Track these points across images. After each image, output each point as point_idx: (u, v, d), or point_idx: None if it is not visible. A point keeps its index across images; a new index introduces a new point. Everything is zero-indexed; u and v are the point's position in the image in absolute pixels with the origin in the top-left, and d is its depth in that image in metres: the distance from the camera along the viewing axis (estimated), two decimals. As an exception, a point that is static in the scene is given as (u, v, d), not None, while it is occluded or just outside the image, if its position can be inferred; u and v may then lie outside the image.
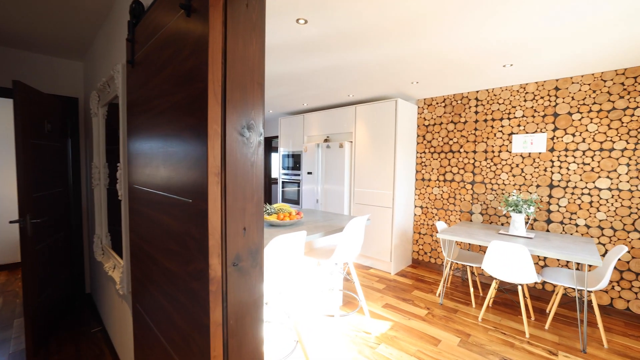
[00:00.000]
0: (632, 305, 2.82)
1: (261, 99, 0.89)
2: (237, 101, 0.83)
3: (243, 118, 0.84)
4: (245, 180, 0.86)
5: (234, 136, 0.82)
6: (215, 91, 0.81)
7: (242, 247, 0.86)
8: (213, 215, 0.81)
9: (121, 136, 1.84)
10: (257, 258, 0.89)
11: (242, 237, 0.85)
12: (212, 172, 0.81)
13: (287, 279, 1.86)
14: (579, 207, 3.06)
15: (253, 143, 0.86)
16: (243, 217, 0.85)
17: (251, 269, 0.90)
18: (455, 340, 2.42)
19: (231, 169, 0.82)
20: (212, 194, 0.81)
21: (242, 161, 0.84)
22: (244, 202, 0.85)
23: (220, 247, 0.82)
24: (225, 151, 0.81)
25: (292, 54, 2.72)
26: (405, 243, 4.21)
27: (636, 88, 2.76)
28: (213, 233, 0.81)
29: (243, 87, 0.84)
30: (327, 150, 4.55)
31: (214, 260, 0.82)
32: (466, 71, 3.03)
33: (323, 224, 2.52)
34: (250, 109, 0.86)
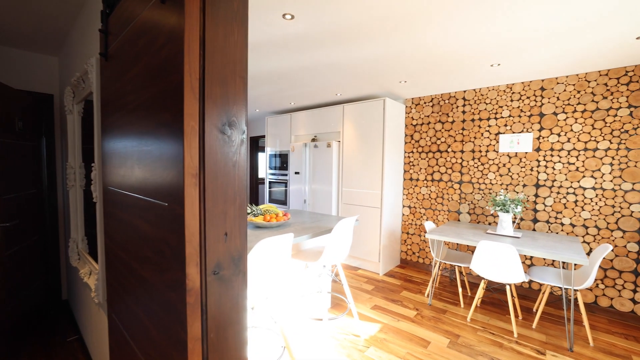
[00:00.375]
0: (615, 302, 2.87)
1: (244, 94, 0.82)
2: (217, 96, 0.76)
3: (224, 114, 0.77)
4: (227, 181, 0.78)
5: (213, 134, 0.75)
6: (192, 84, 0.73)
7: (223, 254, 0.79)
8: (190, 220, 0.74)
9: (95, 134, 1.73)
10: (239, 265, 0.82)
11: (223, 244, 0.78)
12: (189, 173, 0.73)
13: (274, 283, 1.79)
14: (564, 207, 3.10)
15: (235, 141, 0.79)
16: (224, 222, 0.78)
17: (233, 277, 0.83)
18: (444, 342, 2.40)
19: (211, 169, 0.75)
20: (189, 196, 0.73)
21: (223, 161, 0.77)
22: (225, 205, 0.78)
23: (198, 255, 0.75)
24: (204, 150, 0.73)
25: (278, 51, 2.64)
26: (394, 243, 4.19)
27: (619, 89, 2.81)
28: (190, 239, 0.74)
29: (224, 80, 0.77)
30: (314, 150, 4.49)
31: (192, 270, 0.75)
32: (454, 70, 3.02)
33: (311, 226, 2.46)
34: (232, 105, 0.79)
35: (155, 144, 0.91)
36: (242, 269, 0.82)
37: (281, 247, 1.74)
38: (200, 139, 0.73)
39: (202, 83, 0.73)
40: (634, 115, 2.76)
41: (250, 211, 2.46)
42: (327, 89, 3.89)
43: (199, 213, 0.73)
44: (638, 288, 2.77)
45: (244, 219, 0.83)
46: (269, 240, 1.64)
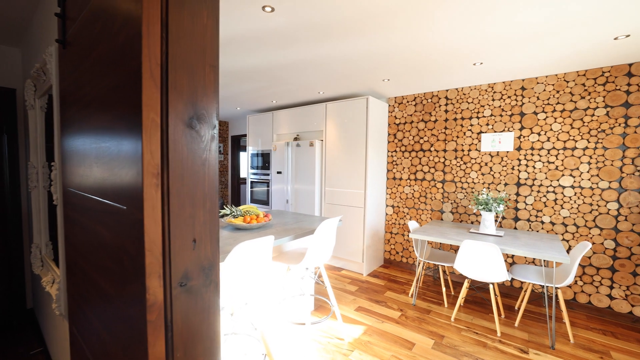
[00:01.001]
0: (593, 298, 2.93)
1: (215, 85, 0.72)
2: (183, 86, 0.66)
3: (191, 106, 0.67)
4: (195, 182, 0.69)
5: (179, 128, 0.65)
6: (152, 71, 0.64)
7: (191, 263, 0.70)
8: (151, 226, 0.64)
9: (55, 130, 1.58)
10: (211, 274, 0.73)
11: (191, 251, 0.69)
12: (149, 173, 0.63)
13: (254, 287, 1.70)
14: (545, 205, 3.14)
15: (205, 137, 0.69)
16: (192, 227, 0.69)
17: (204, 288, 0.74)
18: (429, 343, 2.37)
19: (176, 168, 0.65)
20: (150, 199, 0.63)
21: (191, 159, 0.67)
22: (194, 208, 0.69)
23: (161, 266, 0.65)
24: (168, 146, 0.63)
25: (259, 46, 2.54)
26: (377, 243, 4.16)
27: (596, 89, 2.87)
28: (151, 248, 0.64)
29: (191, 69, 0.68)
30: (297, 149, 4.40)
31: (153, 282, 0.65)
32: (437, 69, 3.01)
33: (293, 227, 2.37)
34: (201, 96, 0.70)
35: (113, 140, 0.80)
36: (214, 279, 0.72)
37: (261, 250, 1.65)
38: (163, 133, 0.63)
39: (165, 71, 0.63)
40: (610, 115, 2.82)
41: (229, 212, 2.35)
42: (310, 87, 3.81)
43: (161, 218, 0.63)
44: (614, 284, 2.84)
45: (215, 224, 0.74)
46: (248, 243, 1.54)
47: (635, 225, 2.75)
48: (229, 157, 7.19)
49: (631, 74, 2.74)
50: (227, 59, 2.86)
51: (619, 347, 2.39)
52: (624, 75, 2.76)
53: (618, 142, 2.80)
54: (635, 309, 2.76)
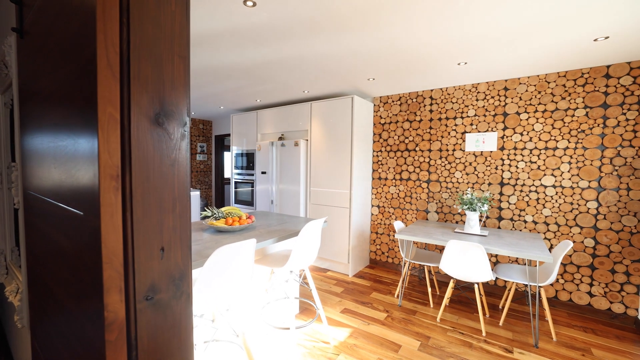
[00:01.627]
0: (574, 296, 2.99)
1: (185, 78, 0.65)
2: (147, 78, 0.58)
3: (157, 101, 0.61)
4: (163, 184, 0.62)
5: (143, 125, 0.58)
6: (109, 60, 0.56)
7: (159, 273, 0.62)
8: (109, 234, 0.56)
9: (16, 128, 1.46)
10: (182, 285, 0.65)
11: (158, 261, 0.61)
12: (107, 175, 0.56)
13: (235, 292, 1.62)
14: (527, 204, 3.19)
15: (174, 135, 0.63)
16: (160, 234, 0.62)
17: (174, 300, 0.66)
18: (415, 344, 2.35)
19: (140, 170, 0.57)
20: (108, 205, 0.56)
21: (158, 159, 0.60)
22: (161, 214, 0.62)
23: (122, 278, 0.58)
24: (130, 145, 0.56)
25: (241, 43, 2.45)
26: (363, 243, 4.14)
27: (576, 90, 2.93)
28: (110, 259, 0.56)
29: (157, 59, 0.60)
30: (281, 149, 4.32)
31: (113, 297, 0.57)
32: (422, 68, 3.00)
33: (277, 228, 2.30)
34: (169, 90, 0.63)
35: (69, 138, 0.72)
36: (186, 290, 0.65)
37: (242, 253, 1.57)
38: (125, 131, 0.56)
39: (127, 61, 0.56)
40: (590, 115, 2.88)
41: (211, 214, 2.25)
42: (294, 86, 3.74)
43: (123, 225, 0.56)
44: (594, 282, 2.90)
45: (186, 229, 0.67)
46: (228, 247, 1.47)
47: (613, 224, 2.81)
48: (212, 157, 7.02)
49: (609, 75, 2.80)
50: (208, 55, 2.76)
51: (599, 344, 2.44)
52: (602, 76, 2.82)
53: (597, 142, 2.86)
54: (613, 305, 2.83)
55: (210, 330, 1.89)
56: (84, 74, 0.61)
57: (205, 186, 6.93)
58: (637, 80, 2.69)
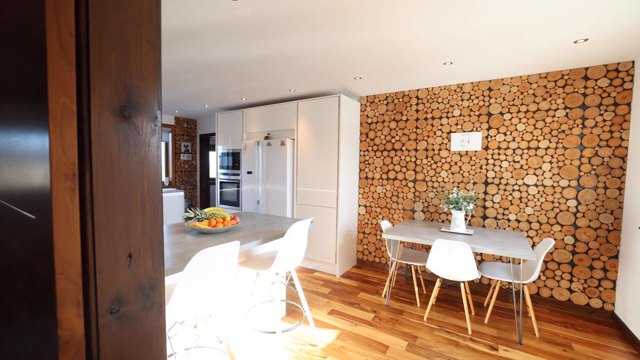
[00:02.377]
0: (555, 292, 3.06)
1: (155, 67, 0.58)
2: (111, 65, 0.52)
3: (123, 93, 0.54)
4: (131, 184, 0.56)
5: (106, 119, 0.52)
6: (62, 43, 0.49)
7: (126, 283, 0.56)
8: (64, 241, 0.50)
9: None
10: (153, 295, 0.60)
11: (125, 270, 0.55)
12: (61, 174, 0.49)
13: (218, 296, 1.56)
14: (511, 203, 3.24)
15: (143, 130, 0.57)
16: (127, 240, 0.56)
17: (144, 312, 0.60)
18: (403, 345, 2.34)
19: (103, 168, 0.50)
20: (62, 208, 0.49)
21: (124, 157, 0.54)
22: (128, 217, 0.56)
23: (81, 291, 0.51)
24: (91, 141, 0.50)
25: (224, 38, 2.38)
26: (350, 243, 4.12)
27: (556, 91, 3.00)
28: (64, 270, 0.49)
29: (123, 45, 0.53)
30: (267, 148, 4.26)
31: (68, 313, 0.50)
32: (408, 68, 3.00)
33: (262, 230, 2.25)
34: (137, 80, 0.57)
35: (21, 133, 0.65)
36: (158, 299, 0.59)
37: (225, 256, 1.52)
38: (84, 124, 0.49)
39: (86, 45, 0.50)
40: (569, 116, 2.95)
41: (193, 215, 2.18)
42: (281, 84, 3.68)
43: (81, 230, 0.49)
44: (574, 278, 2.98)
45: (158, 233, 0.60)
46: (210, 250, 1.41)
47: (592, 222, 2.89)
48: (197, 156, 6.87)
49: (587, 77, 2.88)
50: (190, 51, 2.67)
51: (579, 339, 2.49)
52: (581, 78, 2.90)
53: (576, 142, 2.94)
54: (591, 301, 2.91)
55: (192, 337, 1.82)
56: (35, 60, 0.54)
57: (190, 186, 6.78)
58: (613, 82, 2.77)
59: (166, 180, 6.38)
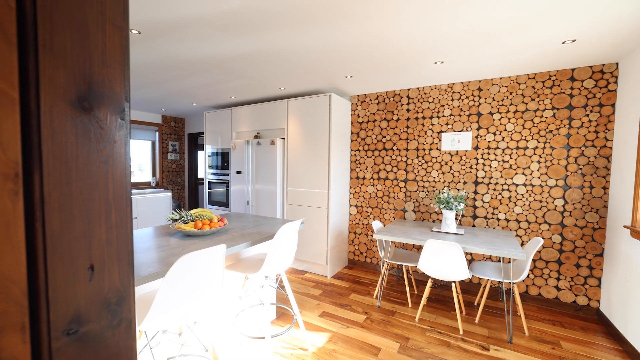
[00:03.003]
0: (543, 290, 3.09)
1: (122, 53, 0.52)
2: (66, 48, 0.45)
3: (82, 80, 0.47)
4: (92, 186, 0.49)
5: (60, 110, 0.45)
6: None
7: (87, 299, 0.49)
8: (3, 254, 0.41)
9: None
10: (121, 311, 0.54)
11: (86, 284, 0.49)
12: (1, 175, 0.41)
13: (204, 302, 1.50)
14: (500, 202, 3.26)
15: (107, 125, 0.50)
16: (88, 250, 0.49)
17: (109, 331, 0.53)
18: (395, 347, 2.32)
19: (56, 168, 0.44)
20: (1, 214, 0.41)
21: (84, 155, 0.47)
22: (90, 224, 0.49)
23: (26, 312, 0.41)
24: (40, 136, 0.43)
25: (212, 34, 2.31)
26: (341, 244, 4.09)
27: (544, 91, 3.02)
28: (4, 288, 0.42)
29: (81, 25, 0.47)
30: (257, 148, 4.19)
31: (10, 339, 0.42)
32: (399, 66, 2.98)
33: (251, 231, 2.19)
34: (100, 67, 0.49)
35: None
36: (126, 316, 0.53)
37: (210, 261, 1.46)
38: (33, 116, 0.41)
39: (33, 22, 0.42)
40: (557, 116, 2.98)
41: (178, 217, 2.10)
42: (270, 82, 3.62)
43: (26, 240, 0.43)
44: (561, 276, 3.01)
45: (126, 241, 0.53)
46: (194, 254, 1.34)
47: (578, 220, 2.93)
48: (185, 156, 6.74)
49: (574, 78, 2.91)
50: (175, 46, 2.59)
51: (567, 336, 2.52)
52: (568, 79, 2.93)
53: (563, 142, 2.97)
54: (578, 298, 2.95)
55: (176, 346, 1.75)
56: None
57: (178, 187, 6.64)
58: (598, 84, 2.81)
59: (153, 181, 6.23)
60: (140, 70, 3.24)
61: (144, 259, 1.51)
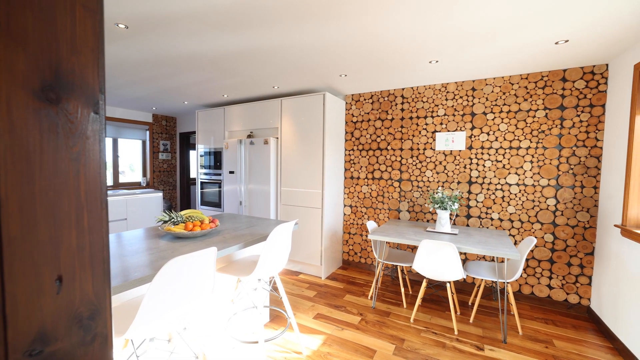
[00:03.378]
0: (535, 289, 3.10)
1: (95, 38, 0.46)
2: (26, 30, 0.39)
3: (47, 67, 0.41)
4: (59, 187, 0.43)
5: (20, 100, 0.39)
6: None
7: (54, 314, 0.43)
8: None
9: None
10: (95, 325, 0.48)
11: (53, 297, 0.43)
12: None
13: (193, 309, 1.45)
14: (493, 202, 3.27)
15: (78, 118, 0.44)
16: (55, 259, 0.43)
17: (81, 348, 0.47)
18: (390, 348, 2.29)
19: (15, 166, 0.39)
20: None
21: (49, 152, 0.41)
22: (57, 229, 0.43)
23: None
24: None
25: (202, 29, 2.26)
26: (336, 244, 4.06)
27: (536, 92, 3.04)
28: None
29: (44, 5, 0.41)
30: (250, 147, 4.13)
31: None
32: (394, 65, 2.96)
33: (243, 233, 2.14)
34: (68, 53, 0.43)
35: None
36: (101, 331, 0.47)
37: (201, 264, 1.41)
38: None
39: None
40: (549, 117, 2.99)
41: (168, 218, 2.04)
42: (263, 81, 3.57)
43: None
44: (553, 275, 3.02)
45: (101, 248, 0.49)
46: (183, 258, 1.29)
47: (569, 220, 2.95)
48: (177, 155, 6.63)
49: (565, 79, 2.93)
50: (164, 42, 2.53)
51: (559, 335, 2.53)
52: (560, 80, 2.95)
53: (555, 142, 2.98)
54: (569, 296, 2.96)
55: (165, 354, 1.69)
56: None
57: (169, 187, 6.53)
58: (589, 85, 2.83)
59: (143, 181, 6.11)
60: (129, 67, 3.16)
61: (130, 262, 1.46)
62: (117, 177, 5.66)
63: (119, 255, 1.56)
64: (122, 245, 1.77)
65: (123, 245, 1.77)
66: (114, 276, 1.27)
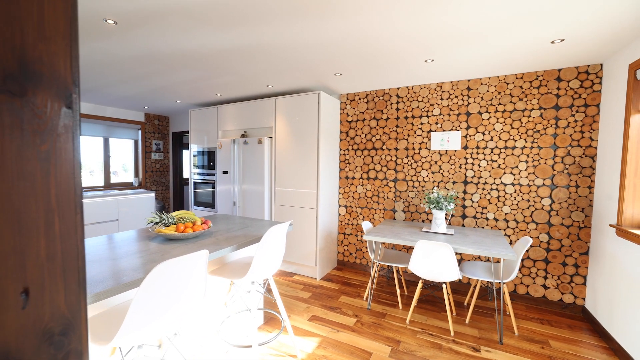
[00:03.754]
0: (530, 289, 3.10)
1: (67, 25, 0.40)
2: None
3: (10, 55, 0.35)
4: (26, 190, 0.38)
5: None
6: None
7: (19, 330, 0.38)
8: None
9: None
10: (68, 341, 0.42)
11: (17, 312, 0.38)
12: None
13: (184, 314, 1.40)
14: (489, 202, 3.26)
15: (47, 113, 0.39)
16: (21, 270, 0.38)
17: None
18: (386, 351, 2.26)
19: None
20: None
21: (12, 150, 0.36)
22: (22, 237, 0.38)
23: None
24: None
25: (193, 25, 2.21)
26: (331, 245, 4.02)
27: (531, 91, 3.04)
28: None
29: None
30: (244, 147, 4.08)
31: None
32: (389, 64, 2.94)
33: (237, 234, 2.10)
34: (35, 39, 0.37)
35: None
36: (75, 347, 0.41)
37: (191, 268, 1.36)
38: None
39: None
40: (544, 116, 3.00)
41: (159, 220, 1.99)
42: (257, 79, 3.52)
43: None
44: (548, 275, 3.03)
45: (74, 257, 0.43)
46: (173, 262, 1.24)
47: (564, 219, 2.95)
48: (169, 155, 6.54)
49: (560, 78, 2.93)
50: (155, 38, 2.47)
51: (555, 335, 2.53)
52: (554, 79, 2.95)
53: (550, 142, 2.99)
54: (564, 296, 2.97)
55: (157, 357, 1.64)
56: None
57: (162, 187, 6.44)
58: (584, 84, 2.84)
59: (135, 181, 6.01)
60: (119, 64, 3.09)
61: (119, 266, 1.40)
62: (108, 177, 5.56)
63: (108, 258, 1.51)
64: (112, 247, 1.72)
65: (112, 247, 1.72)
66: (100, 281, 1.21)
